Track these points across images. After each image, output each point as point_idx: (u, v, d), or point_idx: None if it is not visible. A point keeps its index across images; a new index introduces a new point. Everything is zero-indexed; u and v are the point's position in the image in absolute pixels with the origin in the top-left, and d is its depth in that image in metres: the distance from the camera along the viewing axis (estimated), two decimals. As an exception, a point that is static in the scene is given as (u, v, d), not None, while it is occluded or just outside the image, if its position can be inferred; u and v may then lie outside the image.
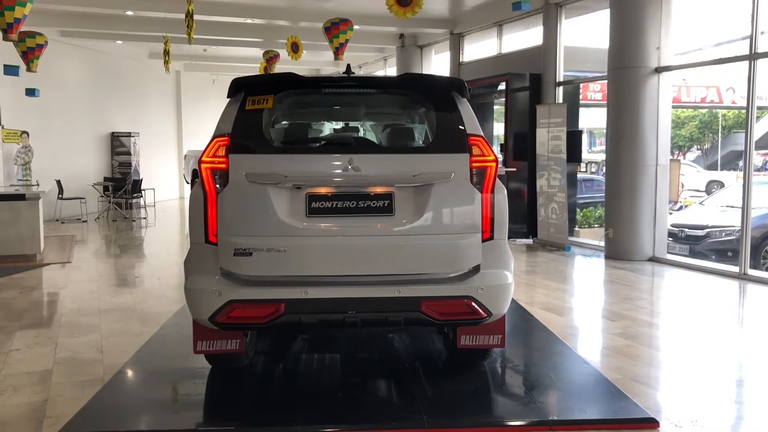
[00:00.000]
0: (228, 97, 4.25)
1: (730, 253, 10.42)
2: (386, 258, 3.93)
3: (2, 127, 12.94)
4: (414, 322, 4.07)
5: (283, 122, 5.13)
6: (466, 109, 4.21)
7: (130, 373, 4.92)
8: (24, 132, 13.95)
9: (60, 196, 14.92)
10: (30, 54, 11.50)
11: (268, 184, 3.89)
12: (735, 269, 8.60)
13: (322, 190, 3.95)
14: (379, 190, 3.96)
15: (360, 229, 3.93)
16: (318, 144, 4.77)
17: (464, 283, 3.97)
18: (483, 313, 3.94)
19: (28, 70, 11.80)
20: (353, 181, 3.95)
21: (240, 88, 4.22)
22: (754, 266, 9.16)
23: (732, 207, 11.10)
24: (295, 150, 4.22)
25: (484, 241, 4.01)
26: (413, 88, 4.65)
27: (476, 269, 4.02)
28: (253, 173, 3.90)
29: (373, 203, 3.96)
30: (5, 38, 9.23)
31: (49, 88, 14.67)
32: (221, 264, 3.90)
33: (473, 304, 3.92)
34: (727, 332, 6.25)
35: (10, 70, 12.33)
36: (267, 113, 4.22)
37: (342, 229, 3.94)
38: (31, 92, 13.76)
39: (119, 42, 16.80)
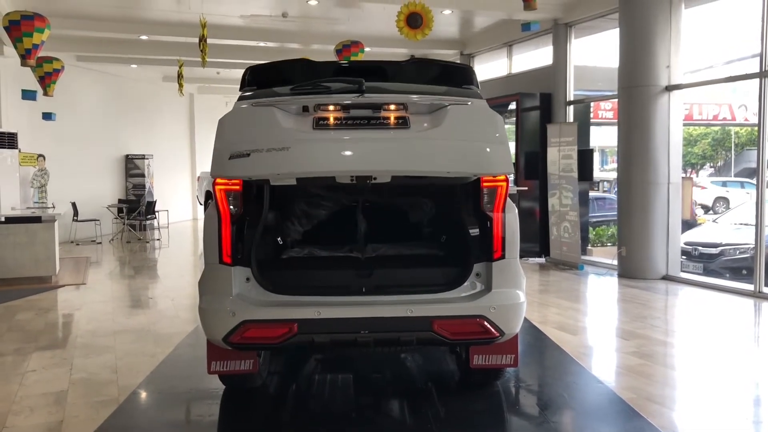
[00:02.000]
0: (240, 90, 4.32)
1: (744, 271, 10.34)
2: (399, 155, 3.73)
3: (19, 151, 13.11)
4: (426, 342, 4.08)
5: None
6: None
7: (144, 393, 4.95)
8: (40, 155, 14.12)
9: (75, 218, 15.07)
10: (47, 79, 11.70)
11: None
12: (750, 287, 8.54)
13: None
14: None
15: (375, 132, 3.80)
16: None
17: (476, 302, 3.98)
18: (495, 332, 3.94)
19: (45, 94, 12.00)
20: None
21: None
22: (769, 284, 9.08)
23: (746, 225, 11.03)
24: None
25: (495, 260, 4.03)
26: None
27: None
28: None
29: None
30: (23, 64, 9.42)
31: (65, 112, 14.90)
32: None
33: (485, 323, 3.92)
34: (743, 351, 6.20)
35: (28, 95, 12.55)
36: None
37: (354, 133, 3.79)
38: (47, 116, 13.98)
39: (134, 66, 17.04)
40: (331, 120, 3.83)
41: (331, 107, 3.87)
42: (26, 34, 8.87)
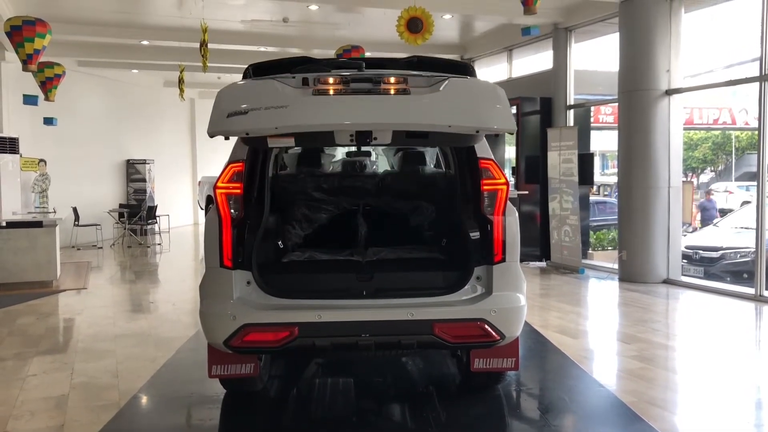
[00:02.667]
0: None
1: (745, 275, 10.33)
2: (399, 111, 3.74)
3: (20, 156, 13.14)
4: (427, 345, 4.08)
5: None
6: None
7: (145, 398, 4.95)
8: (41, 160, 14.15)
9: (76, 223, 15.07)
10: (48, 84, 11.72)
11: None
12: (750, 291, 8.53)
13: None
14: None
15: (375, 96, 3.78)
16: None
17: (477, 306, 3.98)
18: (496, 335, 3.94)
19: (47, 99, 12.02)
20: None
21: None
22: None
23: (746, 228, 11.03)
24: None
25: (495, 263, 4.03)
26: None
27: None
28: None
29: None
30: (25, 69, 9.44)
31: (66, 117, 14.91)
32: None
33: (486, 326, 3.93)
34: (744, 354, 6.19)
35: (29, 100, 12.56)
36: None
37: (355, 96, 3.79)
38: (49, 121, 14.00)
39: (135, 71, 17.06)
40: (332, 90, 3.79)
41: (331, 80, 3.83)
42: (28, 39, 8.89)
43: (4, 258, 9.52)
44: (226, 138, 3.75)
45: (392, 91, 3.78)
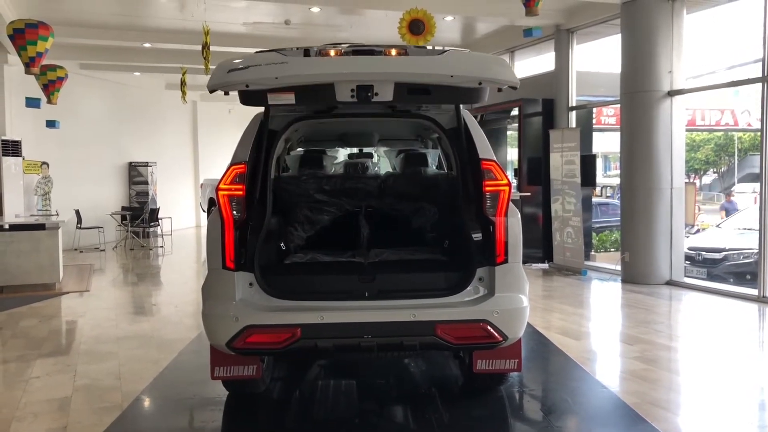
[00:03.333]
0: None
1: (748, 276, 10.32)
2: (401, 63, 3.87)
3: (23, 159, 13.16)
4: (430, 347, 4.07)
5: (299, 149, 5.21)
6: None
7: (147, 400, 4.95)
8: (44, 163, 14.18)
9: (78, 225, 15.10)
10: (51, 86, 11.75)
11: None
12: (754, 292, 8.51)
13: None
14: None
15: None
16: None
17: (479, 307, 3.98)
18: (498, 336, 3.94)
19: (49, 102, 12.05)
20: None
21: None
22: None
23: (750, 229, 11.02)
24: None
25: (498, 264, 4.03)
26: None
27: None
28: None
29: None
30: (27, 72, 9.46)
31: (68, 120, 14.94)
32: None
33: (489, 327, 3.92)
34: (747, 356, 6.18)
35: (32, 103, 12.60)
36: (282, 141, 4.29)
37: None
38: (51, 124, 14.03)
39: (137, 74, 17.09)
40: (333, 53, 3.91)
41: (333, 51, 3.92)
42: (30, 42, 8.92)
43: (7, 261, 9.53)
44: (226, 93, 3.86)
45: (393, 53, 3.90)
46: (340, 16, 11.92)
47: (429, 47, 4.09)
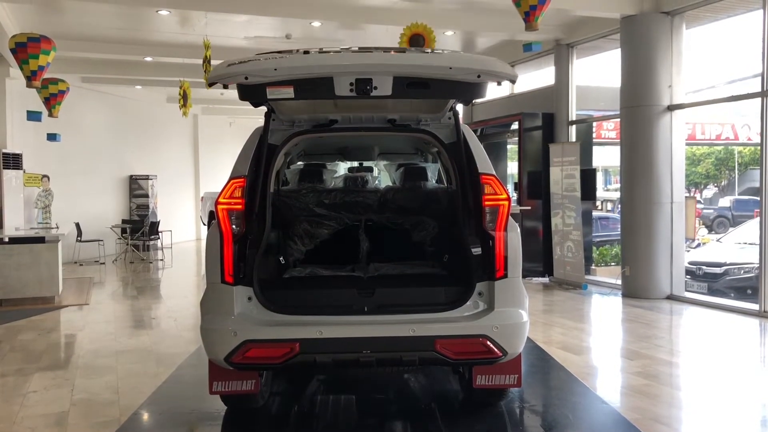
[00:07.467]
0: None
1: (749, 291, 10.29)
2: (401, 57, 3.93)
3: (24, 172, 13.18)
4: (429, 362, 4.06)
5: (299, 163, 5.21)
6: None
7: (146, 414, 4.92)
8: (45, 176, 14.19)
9: (79, 238, 15.08)
10: (52, 100, 11.80)
11: None
12: (755, 307, 8.48)
13: None
14: None
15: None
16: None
17: (479, 322, 3.96)
18: (498, 351, 3.92)
19: (50, 115, 12.09)
20: None
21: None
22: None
23: (750, 244, 11.00)
24: None
25: (497, 279, 4.02)
26: None
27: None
28: None
29: None
30: (29, 85, 9.51)
31: (70, 133, 14.98)
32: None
33: (488, 342, 3.90)
34: (749, 371, 6.15)
35: (33, 116, 12.64)
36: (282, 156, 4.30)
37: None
38: (52, 137, 14.06)
39: (138, 87, 17.15)
40: (332, 51, 3.95)
41: (333, 51, 3.96)
42: (32, 56, 8.96)
43: (6, 273, 9.52)
44: (225, 87, 3.88)
45: (392, 51, 3.97)
46: (341, 30, 11.97)
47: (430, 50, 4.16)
